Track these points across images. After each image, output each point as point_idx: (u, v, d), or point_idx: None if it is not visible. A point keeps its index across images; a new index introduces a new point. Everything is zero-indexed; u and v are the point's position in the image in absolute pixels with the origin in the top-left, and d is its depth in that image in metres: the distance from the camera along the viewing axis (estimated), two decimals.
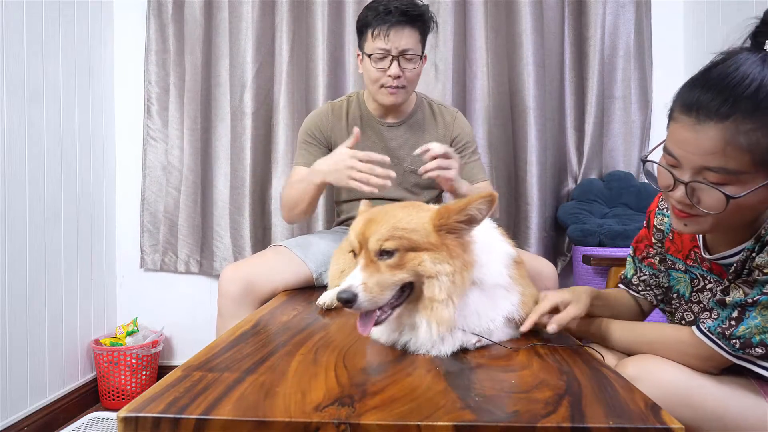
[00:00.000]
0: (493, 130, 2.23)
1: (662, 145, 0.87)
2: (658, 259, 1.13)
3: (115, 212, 2.45)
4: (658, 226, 1.12)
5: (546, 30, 2.21)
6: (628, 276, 1.20)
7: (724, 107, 0.74)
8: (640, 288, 1.18)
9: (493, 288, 0.92)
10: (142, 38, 2.36)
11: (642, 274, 1.17)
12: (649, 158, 0.90)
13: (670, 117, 0.85)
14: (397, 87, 1.55)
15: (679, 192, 0.83)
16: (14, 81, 1.84)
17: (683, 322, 1.06)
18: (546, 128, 2.21)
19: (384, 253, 0.84)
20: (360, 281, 0.82)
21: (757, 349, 0.85)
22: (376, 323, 0.85)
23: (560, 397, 0.67)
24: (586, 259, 1.86)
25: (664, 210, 1.11)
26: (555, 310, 0.99)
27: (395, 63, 1.51)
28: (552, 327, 0.94)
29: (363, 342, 0.93)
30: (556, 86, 2.25)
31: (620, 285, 1.23)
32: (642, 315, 1.21)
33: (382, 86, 1.55)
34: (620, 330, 1.04)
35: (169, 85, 2.34)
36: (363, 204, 1.03)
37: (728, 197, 0.77)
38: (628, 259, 1.21)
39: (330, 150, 1.66)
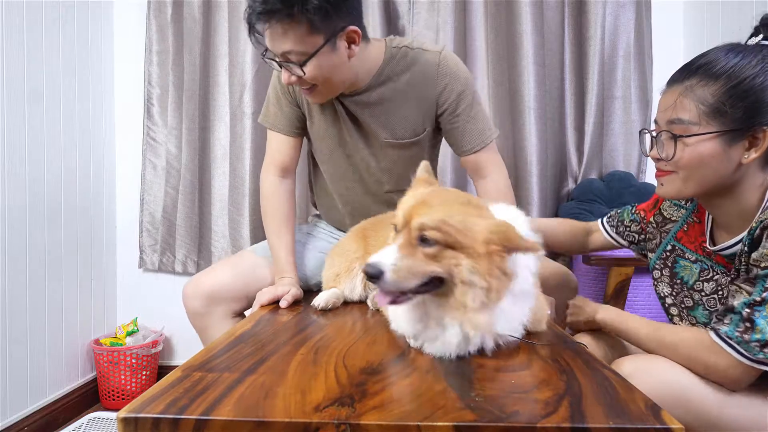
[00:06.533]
0: None
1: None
2: (645, 234, 1.23)
3: (114, 212, 2.45)
4: (662, 211, 1.17)
5: (546, 30, 2.21)
6: (623, 218, 1.29)
7: (686, 73, 0.95)
8: (624, 233, 1.28)
9: (520, 294, 0.88)
10: (142, 38, 2.36)
11: (634, 226, 1.26)
12: (646, 130, 1.08)
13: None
14: (307, 89, 1.28)
15: (655, 150, 0.99)
16: (14, 81, 1.84)
17: (682, 306, 1.06)
18: (546, 128, 2.21)
19: (424, 240, 0.81)
20: (392, 261, 0.80)
21: None
22: (393, 303, 0.83)
23: (560, 397, 0.67)
24: (586, 259, 1.85)
25: (680, 203, 1.16)
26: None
27: (284, 68, 1.22)
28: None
29: (363, 342, 0.92)
30: (556, 86, 2.24)
31: (604, 220, 1.33)
32: (583, 249, 1.40)
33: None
34: (645, 329, 1.01)
35: (169, 85, 2.34)
36: (424, 169, 0.98)
37: (675, 136, 0.93)
38: (627, 208, 1.29)
39: (301, 109, 1.44)
